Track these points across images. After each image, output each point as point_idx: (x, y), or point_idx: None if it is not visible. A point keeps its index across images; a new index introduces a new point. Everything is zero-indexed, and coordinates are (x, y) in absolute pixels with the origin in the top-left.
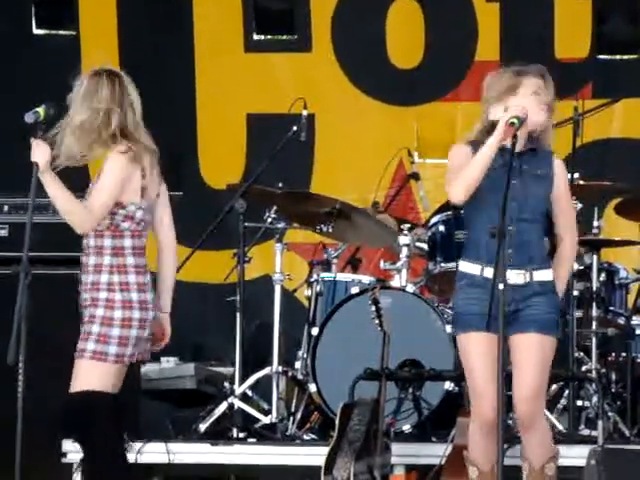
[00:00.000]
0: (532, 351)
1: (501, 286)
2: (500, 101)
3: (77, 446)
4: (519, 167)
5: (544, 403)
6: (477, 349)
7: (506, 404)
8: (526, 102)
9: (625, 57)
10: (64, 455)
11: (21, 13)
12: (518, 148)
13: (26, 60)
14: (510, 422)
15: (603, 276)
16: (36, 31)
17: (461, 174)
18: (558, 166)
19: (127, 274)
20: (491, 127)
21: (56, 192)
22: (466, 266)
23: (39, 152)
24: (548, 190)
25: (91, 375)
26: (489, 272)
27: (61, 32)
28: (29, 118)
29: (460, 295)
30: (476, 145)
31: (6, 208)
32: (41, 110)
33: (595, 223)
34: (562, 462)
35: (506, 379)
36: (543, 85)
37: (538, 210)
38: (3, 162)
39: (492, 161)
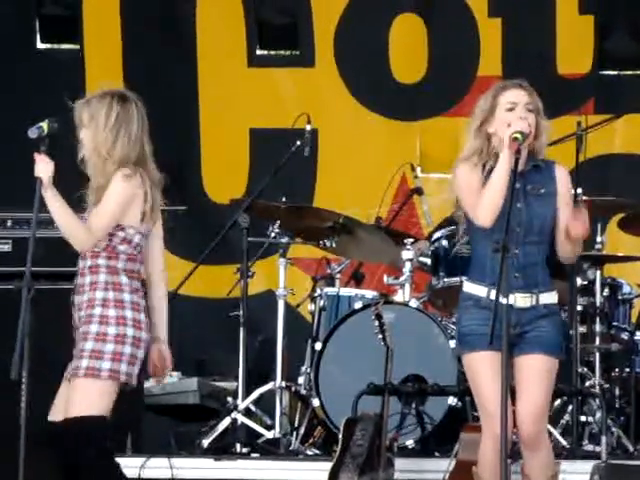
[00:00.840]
0: (536, 372)
1: (504, 301)
2: (479, 130)
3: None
4: (523, 188)
5: (547, 423)
6: (484, 368)
7: (512, 420)
8: (503, 120)
9: (628, 73)
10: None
11: (25, 27)
12: (521, 166)
13: (30, 74)
14: (515, 437)
15: (606, 291)
16: (40, 45)
17: (482, 200)
18: (560, 176)
19: (122, 292)
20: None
21: (58, 209)
22: (471, 287)
23: (43, 167)
24: (553, 208)
25: (86, 395)
26: (494, 295)
27: (65, 46)
28: (33, 133)
29: (465, 316)
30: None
31: (9, 223)
32: (45, 125)
33: (598, 238)
34: (566, 478)
35: (511, 394)
36: (520, 94)
37: (544, 231)
38: (5, 177)
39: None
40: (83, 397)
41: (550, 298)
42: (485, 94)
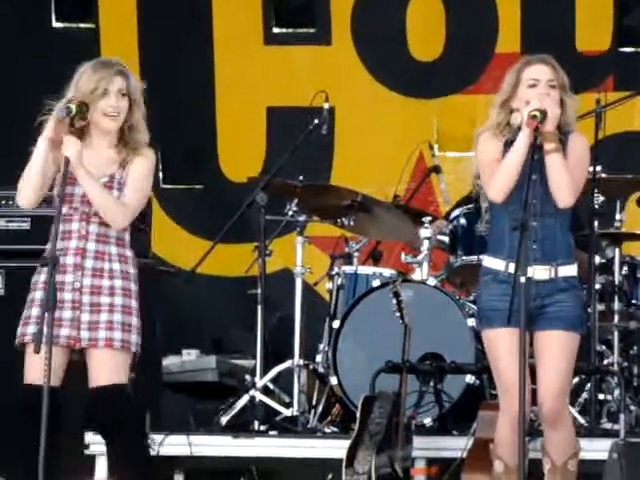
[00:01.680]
0: (557, 348)
1: (523, 279)
2: (503, 105)
3: (99, 438)
4: (540, 161)
5: (568, 400)
6: (503, 344)
7: (531, 397)
8: (525, 97)
9: None
10: (87, 447)
11: (41, 6)
12: (540, 142)
13: (45, 54)
14: (532, 415)
15: (625, 270)
16: (55, 24)
17: (497, 174)
18: (574, 140)
19: (129, 265)
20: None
21: (92, 187)
22: (490, 261)
23: (71, 146)
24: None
25: (120, 365)
26: (513, 267)
27: (81, 25)
28: (61, 112)
29: (484, 290)
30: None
31: None
32: (73, 106)
33: (617, 216)
34: (584, 456)
35: (531, 372)
36: (543, 70)
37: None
38: (24, 156)
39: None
40: (121, 367)
41: (570, 271)
42: (511, 69)
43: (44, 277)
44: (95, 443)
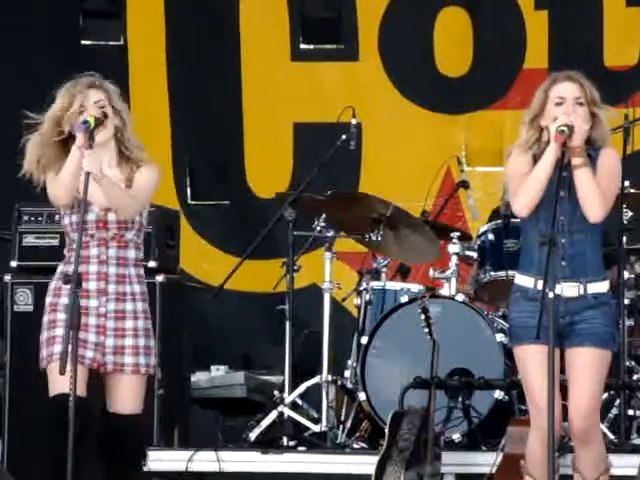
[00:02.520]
0: (588, 365)
1: (551, 294)
2: (532, 124)
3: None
4: (569, 177)
5: (599, 417)
6: (532, 360)
7: (561, 414)
8: (552, 115)
9: None
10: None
11: (69, 24)
12: (568, 159)
13: (73, 71)
14: (562, 432)
15: None
16: (84, 42)
17: (523, 188)
18: (602, 155)
19: (144, 285)
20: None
21: (112, 189)
22: (520, 279)
23: (92, 161)
24: None
25: (142, 392)
26: (542, 285)
27: (109, 43)
28: (80, 129)
29: (514, 308)
30: (528, 151)
31: (57, 217)
32: (91, 119)
33: None
34: (613, 472)
35: (561, 389)
36: (569, 88)
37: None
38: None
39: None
40: (142, 394)
41: (599, 287)
42: (539, 87)
43: (65, 299)
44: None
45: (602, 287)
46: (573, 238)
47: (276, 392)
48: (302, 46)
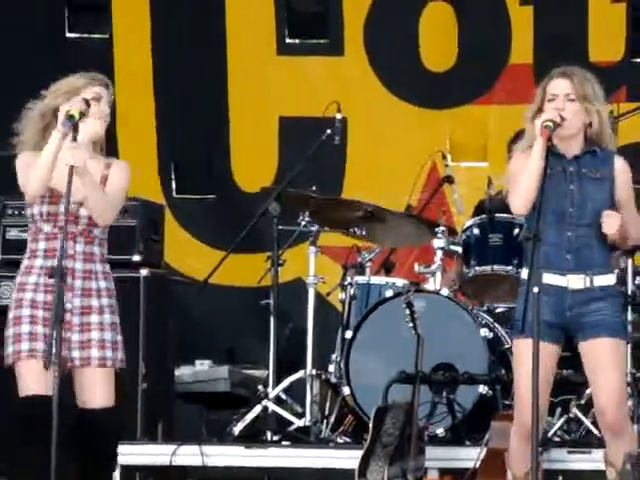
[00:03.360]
0: (610, 356)
1: (535, 289)
2: (533, 120)
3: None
4: (577, 171)
5: (627, 407)
6: (525, 353)
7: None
8: (549, 114)
9: None
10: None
11: (55, 17)
12: (576, 151)
13: (59, 64)
14: (546, 426)
15: (638, 280)
16: (69, 35)
17: (516, 188)
18: (619, 167)
19: (111, 281)
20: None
21: (94, 190)
22: (524, 272)
23: (78, 155)
24: (608, 192)
25: (111, 386)
26: (548, 278)
27: (94, 36)
28: (66, 125)
29: (519, 301)
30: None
31: None
32: (75, 112)
33: None
34: (597, 466)
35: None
36: (562, 84)
37: (599, 215)
38: None
39: (551, 169)
40: (112, 388)
41: (606, 280)
42: (540, 83)
43: (30, 295)
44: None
45: (609, 280)
46: (579, 231)
47: (260, 386)
48: (288, 40)
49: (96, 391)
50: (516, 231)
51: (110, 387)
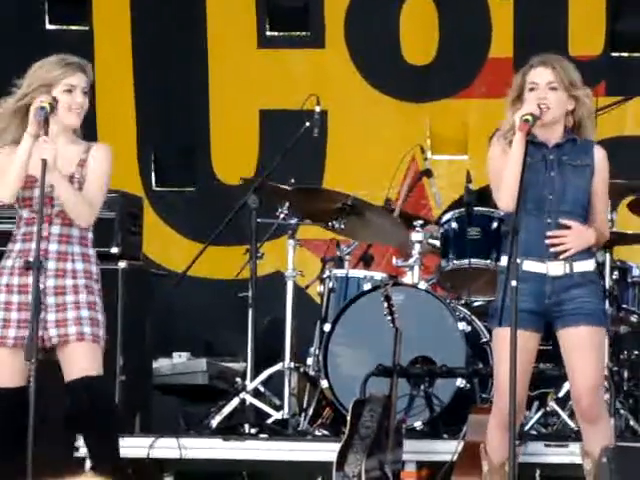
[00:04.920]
0: (587, 343)
1: (514, 283)
2: (513, 106)
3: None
4: (558, 159)
5: (603, 395)
6: (504, 343)
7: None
8: (529, 103)
9: (639, 54)
10: (77, 449)
11: (34, 8)
12: (557, 139)
13: (39, 55)
14: (523, 419)
15: (616, 274)
16: (49, 27)
17: (502, 186)
18: (599, 157)
19: (92, 264)
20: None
21: (65, 189)
22: (504, 259)
23: (48, 149)
24: (588, 180)
25: (96, 358)
26: (528, 265)
27: (74, 27)
28: (39, 116)
29: (498, 290)
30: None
31: None
32: (46, 104)
33: (608, 216)
34: (574, 460)
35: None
36: (543, 73)
37: (579, 202)
38: None
39: (531, 157)
40: (95, 359)
41: (586, 266)
42: (520, 70)
43: (6, 279)
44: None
45: (588, 265)
46: (560, 218)
47: (238, 379)
48: (268, 33)
49: (78, 363)
50: (494, 225)
51: (93, 359)
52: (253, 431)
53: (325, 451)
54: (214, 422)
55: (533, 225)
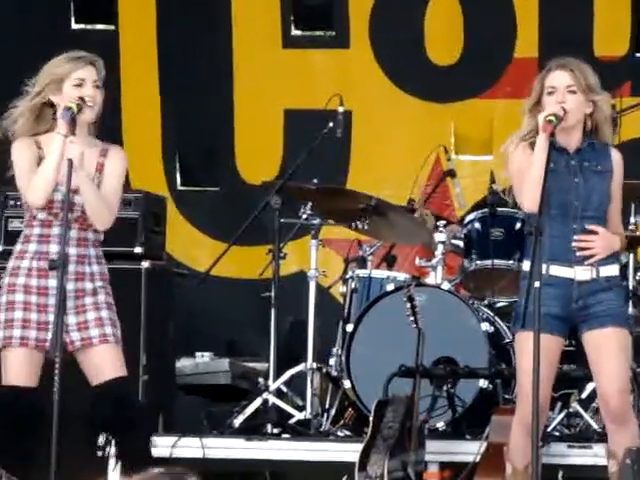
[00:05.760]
0: (614, 345)
1: (537, 284)
2: (530, 113)
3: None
4: (580, 164)
5: (630, 395)
6: (527, 346)
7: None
8: (550, 105)
9: None
10: (100, 448)
11: (60, 8)
12: (577, 143)
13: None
14: (546, 421)
15: (639, 275)
16: (75, 26)
17: (525, 188)
18: (617, 161)
19: (104, 265)
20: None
21: (93, 191)
22: (527, 265)
23: (74, 149)
24: (609, 185)
25: (119, 358)
26: (555, 270)
27: (100, 27)
28: (65, 117)
29: (521, 294)
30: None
31: None
32: (73, 105)
33: (632, 219)
34: (597, 461)
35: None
36: (561, 77)
37: (602, 207)
38: None
39: (554, 163)
40: (120, 360)
41: (611, 270)
42: (538, 76)
43: (23, 280)
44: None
45: (613, 270)
46: (585, 223)
47: (261, 379)
48: (293, 33)
49: (103, 366)
50: (518, 225)
51: (117, 360)
52: (275, 431)
53: (347, 452)
54: (237, 422)
55: (558, 230)
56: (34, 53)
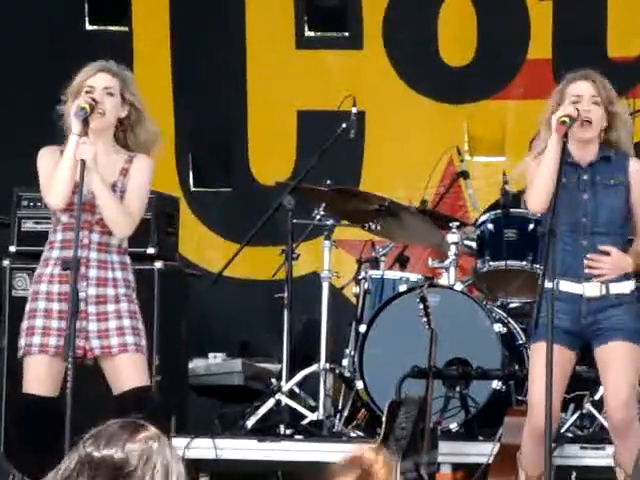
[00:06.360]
0: (621, 358)
1: (550, 284)
2: (548, 125)
3: None
4: (591, 179)
5: (636, 410)
6: (539, 358)
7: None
8: (566, 106)
9: None
10: None
11: (74, 9)
12: (591, 157)
13: (78, 56)
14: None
15: None
16: (89, 27)
17: (535, 180)
18: (634, 170)
19: (129, 272)
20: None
21: (105, 194)
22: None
23: (86, 150)
24: (623, 199)
25: (140, 368)
26: (564, 285)
27: (113, 28)
28: (79, 116)
29: (535, 308)
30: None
31: None
32: (86, 105)
33: None
34: (610, 462)
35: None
36: (586, 87)
37: (613, 222)
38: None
39: (566, 178)
40: (141, 369)
41: (622, 288)
42: (556, 88)
43: (45, 287)
44: None
45: (624, 287)
46: (594, 239)
47: (273, 380)
48: (307, 34)
49: (124, 376)
50: (531, 226)
51: (138, 370)
52: (288, 432)
53: None
54: (249, 423)
55: (568, 246)
56: (49, 53)
